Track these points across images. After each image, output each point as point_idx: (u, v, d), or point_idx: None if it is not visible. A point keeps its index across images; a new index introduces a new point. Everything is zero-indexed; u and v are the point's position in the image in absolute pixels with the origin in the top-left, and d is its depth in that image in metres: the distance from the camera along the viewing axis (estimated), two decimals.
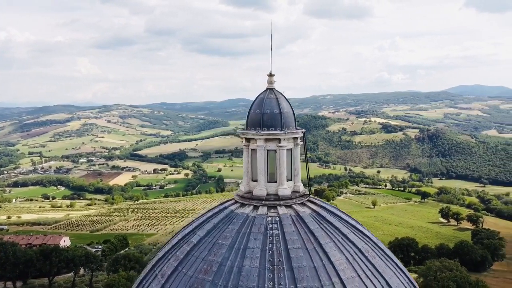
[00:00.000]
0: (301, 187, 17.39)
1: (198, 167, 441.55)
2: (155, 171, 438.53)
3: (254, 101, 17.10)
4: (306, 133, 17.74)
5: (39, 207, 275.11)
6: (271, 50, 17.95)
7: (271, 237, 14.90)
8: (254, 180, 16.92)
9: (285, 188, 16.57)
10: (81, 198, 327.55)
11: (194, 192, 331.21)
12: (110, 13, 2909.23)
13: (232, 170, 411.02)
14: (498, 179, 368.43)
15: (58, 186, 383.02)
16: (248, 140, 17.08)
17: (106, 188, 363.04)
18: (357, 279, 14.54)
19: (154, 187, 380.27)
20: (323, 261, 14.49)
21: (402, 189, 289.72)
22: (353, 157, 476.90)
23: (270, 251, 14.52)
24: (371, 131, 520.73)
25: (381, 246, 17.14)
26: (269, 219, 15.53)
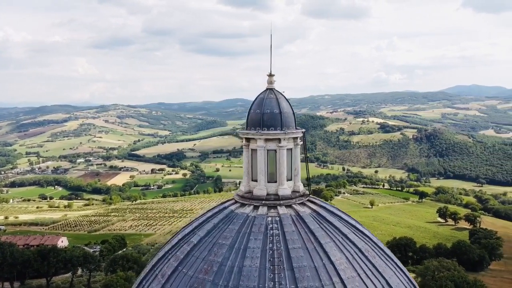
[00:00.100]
0: (301, 187, 17.39)
1: (196, 167, 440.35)
2: (153, 171, 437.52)
3: (254, 101, 17.07)
4: (305, 133, 17.74)
5: (37, 208, 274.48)
6: (271, 50, 17.90)
7: (272, 237, 14.90)
8: (254, 180, 16.91)
9: (285, 188, 16.57)
10: (79, 198, 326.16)
11: (192, 192, 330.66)
12: (108, 13, 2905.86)
13: (230, 170, 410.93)
14: (496, 179, 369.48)
15: (56, 186, 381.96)
16: (248, 140, 17.07)
17: (104, 188, 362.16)
18: (358, 279, 14.57)
19: (152, 187, 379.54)
20: (324, 261, 14.51)
21: (400, 189, 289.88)
22: (351, 157, 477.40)
23: (271, 251, 14.52)
24: (369, 131, 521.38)
25: (381, 246, 17.19)
26: (269, 219, 15.53)
